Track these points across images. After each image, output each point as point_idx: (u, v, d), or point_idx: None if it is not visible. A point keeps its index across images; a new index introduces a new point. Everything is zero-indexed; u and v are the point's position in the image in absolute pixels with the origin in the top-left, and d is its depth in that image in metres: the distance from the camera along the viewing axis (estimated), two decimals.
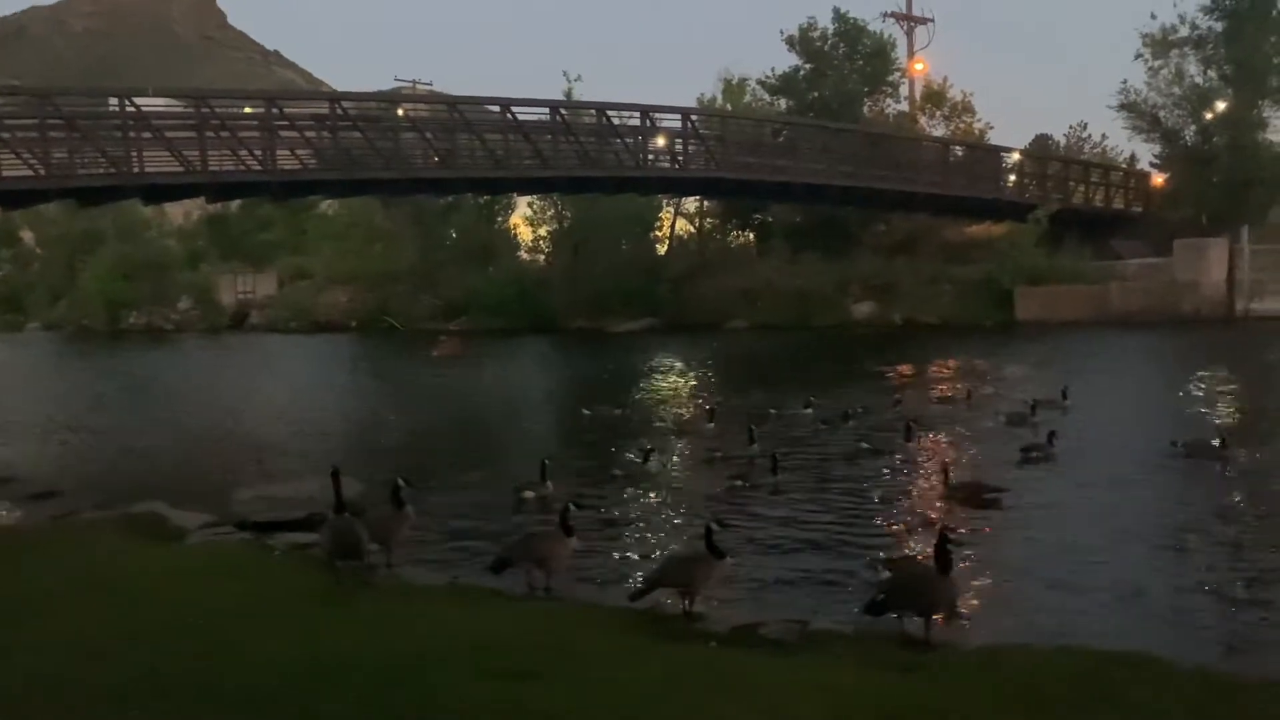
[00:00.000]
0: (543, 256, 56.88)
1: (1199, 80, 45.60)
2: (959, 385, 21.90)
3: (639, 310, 48.97)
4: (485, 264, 55.74)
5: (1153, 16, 45.45)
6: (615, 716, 5.14)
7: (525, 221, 58.88)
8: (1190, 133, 45.91)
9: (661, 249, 55.63)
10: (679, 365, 31.10)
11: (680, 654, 6.31)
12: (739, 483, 12.85)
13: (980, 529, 10.38)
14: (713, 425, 17.00)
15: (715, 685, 5.60)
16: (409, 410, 22.11)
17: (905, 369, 26.87)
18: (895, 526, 10.74)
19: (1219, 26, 44.24)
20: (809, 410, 18.11)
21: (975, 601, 8.05)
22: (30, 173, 25.00)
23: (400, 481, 9.28)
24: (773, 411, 18.60)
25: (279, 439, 18.60)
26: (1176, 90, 45.79)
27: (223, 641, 6.45)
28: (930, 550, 7.30)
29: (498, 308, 51.78)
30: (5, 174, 24.70)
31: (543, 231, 56.92)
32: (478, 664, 5.93)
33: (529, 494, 12.20)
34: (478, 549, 9.82)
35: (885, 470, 13.63)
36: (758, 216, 54.50)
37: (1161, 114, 46.33)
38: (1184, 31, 44.98)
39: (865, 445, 14.94)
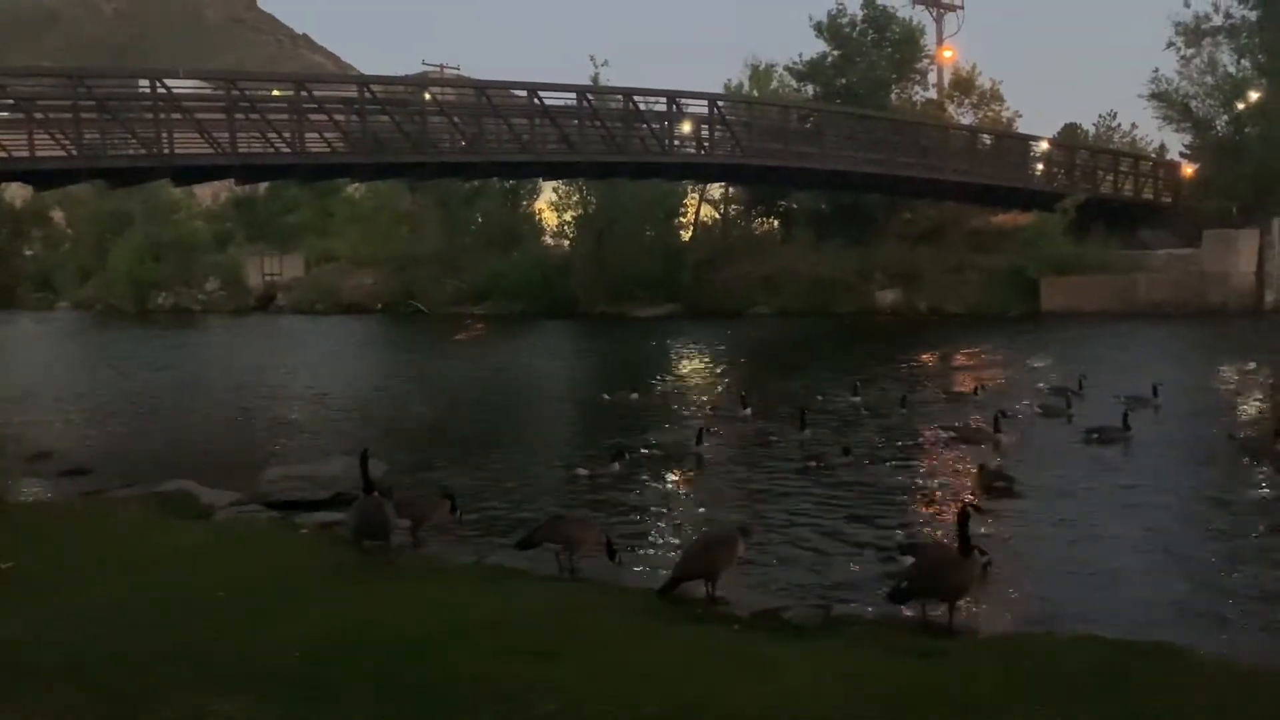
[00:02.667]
0: (567, 241, 56.82)
1: (1232, 70, 44.92)
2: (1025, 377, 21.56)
3: (661, 296, 48.92)
4: (509, 249, 55.80)
5: (1186, 4, 44.82)
6: (628, 696, 5.18)
7: (550, 206, 58.84)
8: (1222, 123, 45.23)
9: (686, 235, 55.50)
10: (702, 351, 31.07)
11: (700, 637, 6.36)
12: (812, 464, 12.86)
13: (1014, 515, 10.32)
14: (749, 411, 16.96)
15: (731, 667, 5.65)
16: (433, 393, 22.22)
17: (931, 357, 26.72)
18: (944, 513, 10.61)
19: (1253, 15, 43.56)
20: (858, 398, 17.98)
21: (1000, 587, 8.01)
22: (62, 153, 25.22)
23: (454, 503, 9.55)
24: (819, 398, 18.52)
25: (307, 419, 18.77)
26: (1209, 79, 45.12)
27: (244, 617, 6.56)
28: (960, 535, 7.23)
29: (520, 292, 51.90)
30: (37, 154, 24.90)
31: (567, 217, 56.87)
32: (496, 642, 6.01)
33: (582, 471, 12.52)
34: (506, 529, 9.90)
35: (964, 457, 13.42)
36: (782, 203, 54.27)
37: (1193, 103, 45.64)
38: (1217, 20, 44.38)
39: (951, 434, 14.66)
